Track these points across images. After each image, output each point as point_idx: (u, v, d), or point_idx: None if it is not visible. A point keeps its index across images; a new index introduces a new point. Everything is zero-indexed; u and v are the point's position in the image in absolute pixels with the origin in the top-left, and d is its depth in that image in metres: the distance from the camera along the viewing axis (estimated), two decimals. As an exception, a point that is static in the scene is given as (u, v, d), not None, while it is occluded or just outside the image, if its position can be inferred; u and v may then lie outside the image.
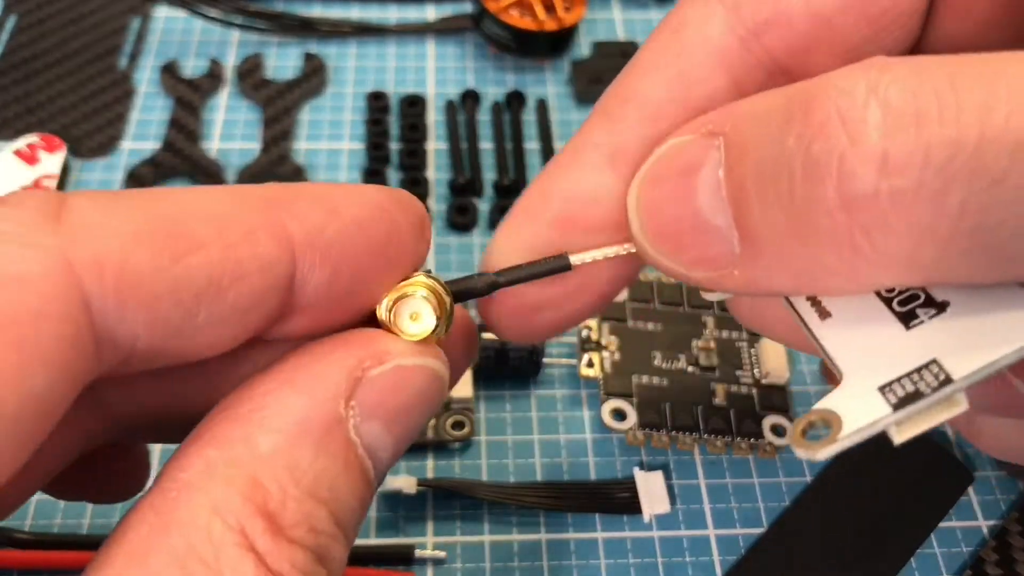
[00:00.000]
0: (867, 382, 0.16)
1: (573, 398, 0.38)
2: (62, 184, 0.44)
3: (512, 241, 0.21)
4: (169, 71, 0.50)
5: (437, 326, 0.19)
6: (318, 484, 0.16)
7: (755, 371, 0.38)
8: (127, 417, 0.20)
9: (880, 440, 0.39)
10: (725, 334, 0.39)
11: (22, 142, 0.44)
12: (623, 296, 0.40)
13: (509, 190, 0.45)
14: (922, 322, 0.17)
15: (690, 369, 0.38)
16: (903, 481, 0.35)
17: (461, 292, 0.20)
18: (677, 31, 0.20)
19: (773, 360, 0.38)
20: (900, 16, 0.20)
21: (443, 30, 0.53)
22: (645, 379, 0.37)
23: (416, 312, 0.19)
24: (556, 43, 0.51)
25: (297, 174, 0.45)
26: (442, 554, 0.33)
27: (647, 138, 0.20)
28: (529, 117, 0.49)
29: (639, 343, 0.39)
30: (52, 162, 0.44)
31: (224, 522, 0.15)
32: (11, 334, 0.14)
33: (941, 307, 0.17)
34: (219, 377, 0.19)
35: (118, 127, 0.48)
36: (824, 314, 0.18)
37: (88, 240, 0.15)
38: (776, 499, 0.35)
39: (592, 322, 0.39)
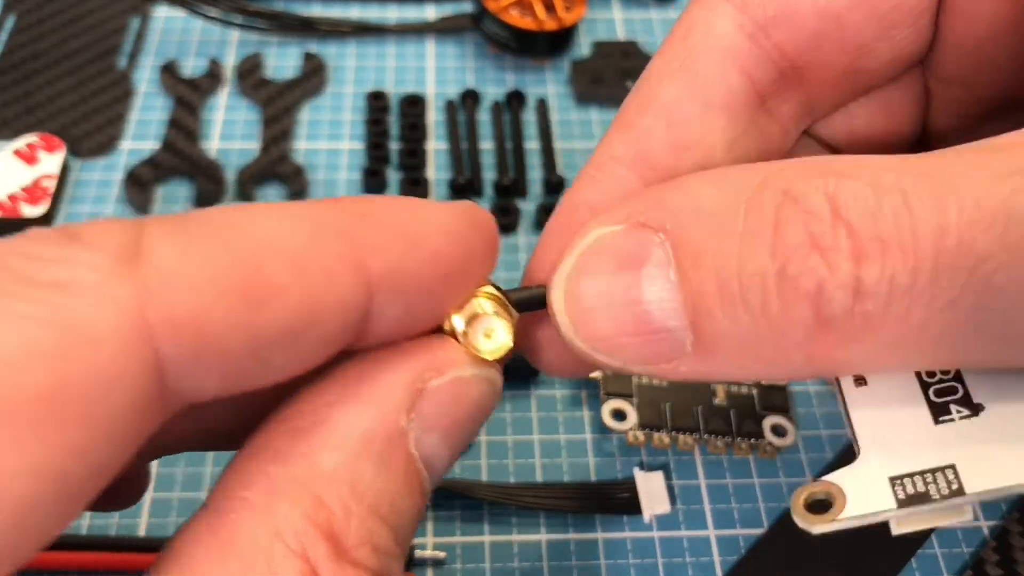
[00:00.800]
0: (881, 468, 0.16)
1: (573, 398, 0.38)
2: (61, 184, 0.44)
3: (548, 258, 0.21)
4: (168, 71, 0.50)
5: (511, 345, 0.19)
6: (380, 500, 0.16)
7: (755, 371, 0.38)
8: (175, 440, 0.19)
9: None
10: (725, 334, 0.39)
11: (21, 142, 0.44)
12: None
13: (509, 190, 0.45)
14: (952, 420, 0.17)
15: (690, 369, 0.38)
16: (903, 481, 0.35)
17: (521, 302, 0.20)
18: (686, 36, 0.20)
19: (773, 360, 0.38)
20: (910, 13, 0.20)
21: (443, 30, 0.53)
22: (645, 379, 0.37)
23: (490, 330, 0.19)
24: (556, 43, 0.51)
25: (297, 174, 0.45)
26: (442, 555, 0.33)
27: (668, 143, 0.20)
28: (529, 117, 0.49)
29: (639, 343, 0.38)
30: (51, 162, 0.44)
31: (286, 546, 0.15)
32: (80, 407, 0.13)
33: (975, 409, 0.17)
34: (276, 395, 0.18)
35: (117, 127, 0.48)
36: (860, 381, 0.18)
37: (166, 293, 0.14)
38: (776, 499, 0.35)
39: (592, 322, 0.39)
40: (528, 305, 0.20)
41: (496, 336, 0.19)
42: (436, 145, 0.48)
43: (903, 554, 0.34)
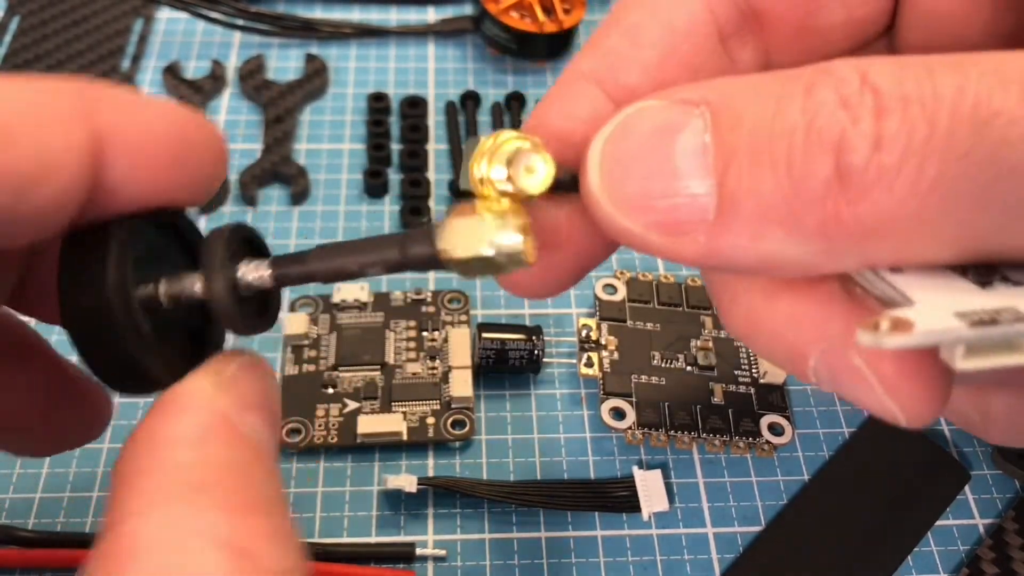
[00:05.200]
0: (942, 307, 0.16)
1: (573, 397, 0.39)
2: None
3: None
4: (171, 72, 0.50)
5: (548, 181, 0.20)
6: (240, 471, 0.18)
7: (753, 370, 0.38)
8: None
9: (878, 439, 0.39)
10: (723, 334, 0.40)
11: (25, 143, 0.45)
12: (622, 295, 0.40)
13: (509, 191, 0.46)
14: (997, 289, 0.17)
15: (688, 369, 0.38)
16: (900, 480, 0.36)
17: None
18: None
19: (771, 360, 0.38)
20: None
21: (443, 32, 0.53)
22: (644, 378, 0.38)
23: (531, 165, 0.20)
24: (555, 45, 0.51)
25: (299, 175, 0.46)
26: (443, 552, 0.34)
27: (634, 61, 0.21)
28: (529, 118, 0.49)
29: (638, 343, 0.39)
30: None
31: (200, 538, 0.16)
32: None
33: (1017, 284, 0.17)
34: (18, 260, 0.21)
35: (120, 128, 0.48)
36: (896, 270, 0.18)
37: None
38: (774, 498, 0.36)
39: (591, 321, 0.39)
40: (557, 185, 0.20)
41: (538, 169, 0.20)
42: (437, 146, 0.48)
43: (900, 552, 0.34)
